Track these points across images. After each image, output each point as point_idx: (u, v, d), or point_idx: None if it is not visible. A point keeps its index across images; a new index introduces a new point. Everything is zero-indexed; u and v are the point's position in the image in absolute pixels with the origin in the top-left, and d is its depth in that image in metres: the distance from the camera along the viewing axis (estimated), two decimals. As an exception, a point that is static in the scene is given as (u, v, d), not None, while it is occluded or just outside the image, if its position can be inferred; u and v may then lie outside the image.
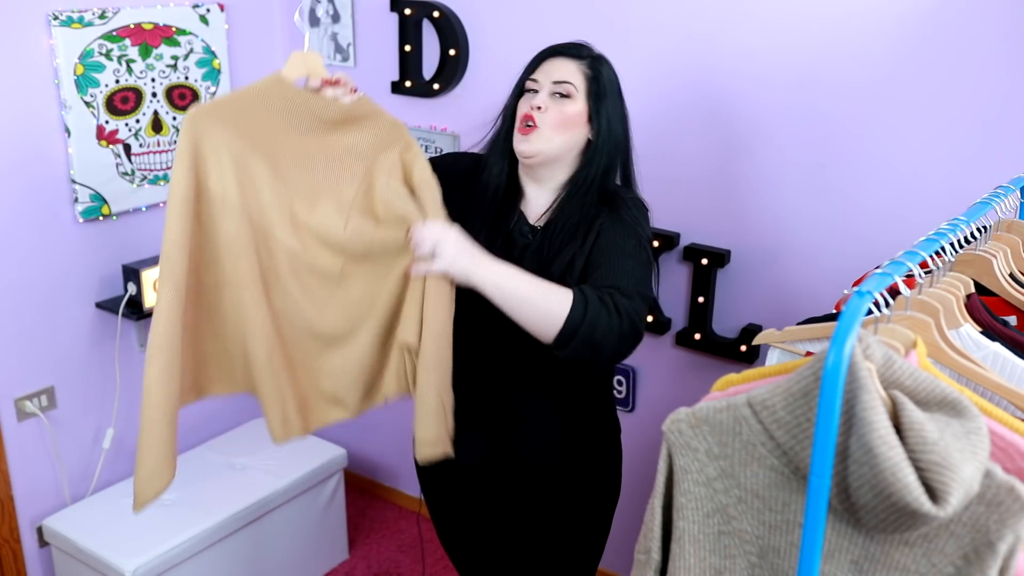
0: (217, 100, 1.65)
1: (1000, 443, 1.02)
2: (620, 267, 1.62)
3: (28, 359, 2.56)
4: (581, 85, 1.70)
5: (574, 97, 1.70)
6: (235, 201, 1.63)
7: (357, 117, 1.71)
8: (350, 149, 1.73)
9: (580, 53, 1.73)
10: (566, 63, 1.71)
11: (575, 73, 1.70)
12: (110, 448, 2.79)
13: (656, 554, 1.16)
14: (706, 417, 1.08)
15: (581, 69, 1.71)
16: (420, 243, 1.60)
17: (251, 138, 1.64)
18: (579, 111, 1.70)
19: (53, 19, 2.42)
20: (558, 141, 1.70)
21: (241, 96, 1.65)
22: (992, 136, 2.01)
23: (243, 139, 1.63)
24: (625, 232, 1.67)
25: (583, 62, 1.72)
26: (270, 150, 1.67)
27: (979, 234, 1.47)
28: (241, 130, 1.63)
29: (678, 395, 2.60)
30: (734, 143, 2.34)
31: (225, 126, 1.62)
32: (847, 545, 1.02)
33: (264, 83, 1.65)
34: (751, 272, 2.40)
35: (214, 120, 1.62)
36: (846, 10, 2.11)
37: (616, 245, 1.65)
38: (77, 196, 2.56)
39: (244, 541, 2.68)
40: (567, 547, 1.89)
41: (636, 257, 1.64)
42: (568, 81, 1.69)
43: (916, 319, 1.19)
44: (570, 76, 1.70)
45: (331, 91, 1.66)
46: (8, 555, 2.60)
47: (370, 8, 2.87)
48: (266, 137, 1.66)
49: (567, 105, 1.69)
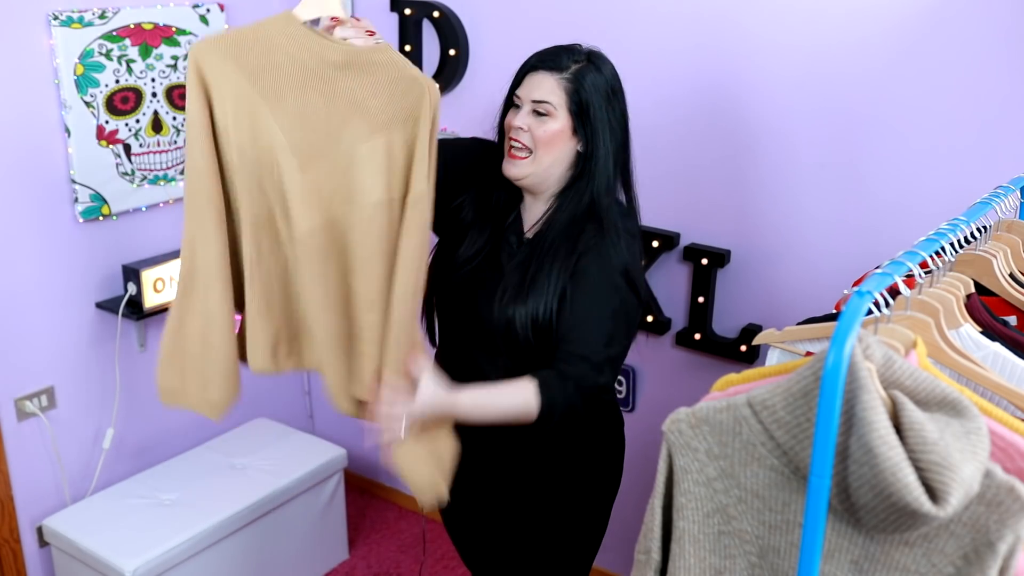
0: (221, 33, 1.55)
1: (1000, 443, 1.02)
2: (594, 332, 1.62)
3: (28, 359, 2.56)
4: (560, 102, 1.66)
5: (554, 115, 1.67)
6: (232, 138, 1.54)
7: (370, 64, 1.57)
8: (357, 104, 1.58)
9: (560, 65, 1.67)
10: (545, 79, 1.67)
11: (553, 90, 1.66)
12: (110, 448, 2.79)
13: (656, 554, 1.16)
14: (706, 417, 1.08)
15: (560, 84, 1.66)
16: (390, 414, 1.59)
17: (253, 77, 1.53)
18: (560, 128, 1.67)
19: (53, 19, 2.42)
20: (546, 160, 1.69)
21: (245, 32, 1.54)
22: (992, 136, 2.01)
23: (246, 77, 1.52)
24: (605, 274, 1.64)
25: (563, 75, 1.66)
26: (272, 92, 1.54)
27: (979, 234, 1.47)
28: (244, 66, 1.52)
29: (678, 395, 2.60)
30: (734, 143, 2.34)
31: (228, 60, 1.52)
32: (847, 545, 1.02)
33: (272, 20, 1.55)
34: (751, 272, 2.40)
35: (218, 53, 1.52)
36: (846, 10, 2.11)
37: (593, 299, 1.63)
38: (77, 196, 2.56)
39: (244, 541, 2.68)
40: (567, 535, 1.89)
41: (613, 312, 1.64)
42: (545, 100, 1.66)
43: (916, 319, 1.19)
44: (547, 94, 1.66)
45: (341, 31, 1.56)
46: (8, 555, 2.60)
47: (370, 8, 2.87)
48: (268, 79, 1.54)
49: (548, 123, 1.67)
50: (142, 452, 2.90)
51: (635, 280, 1.67)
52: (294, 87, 1.55)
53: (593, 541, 1.95)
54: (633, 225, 1.75)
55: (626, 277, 1.65)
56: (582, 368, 1.61)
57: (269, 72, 1.53)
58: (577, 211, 1.69)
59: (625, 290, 1.65)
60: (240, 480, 2.77)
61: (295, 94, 1.55)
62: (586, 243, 1.66)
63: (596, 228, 1.67)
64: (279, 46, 1.54)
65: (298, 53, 1.55)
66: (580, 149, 1.70)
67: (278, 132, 1.54)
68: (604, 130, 1.68)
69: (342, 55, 1.56)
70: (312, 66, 1.56)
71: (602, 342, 1.63)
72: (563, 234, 1.68)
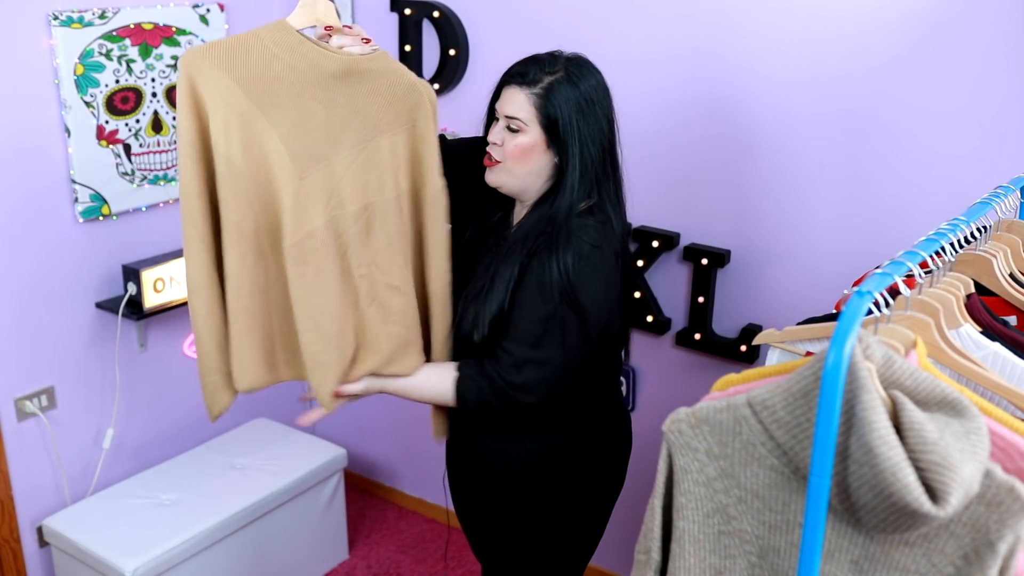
0: (213, 43, 1.53)
1: (1000, 443, 1.02)
2: (522, 331, 1.68)
3: (28, 359, 2.56)
4: (531, 117, 1.67)
5: (524, 131, 1.68)
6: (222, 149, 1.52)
7: (368, 72, 1.58)
8: (356, 111, 1.59)
9: (531, 79, 1.67)
10: (516, 94, 1.68)
11: (523, 106, 1.67)
12: (110, 448, 2.79)
13: (656, 554, 1.16)
14: (706, 417, 1.08)
15: (530, 100, 1.67)
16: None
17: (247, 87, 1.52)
18: (532, 142, 1.68)
19: (53, 19, 2.42)
20: (519, 171, 1.72)
21: (239, 40, 1.53)
22: (992, 136, 2.01)
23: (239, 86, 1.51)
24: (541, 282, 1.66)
25: (532, 90, 1.67)
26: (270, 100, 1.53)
27: (979, 234, 1.47)
28: (237, 76, 1.51)
29: (678, 395, 2.60)
30: (734, 143, 2.34)
31: (220, 70, 1.50)
32: (847, 545, 1.02)
33: (266, 28, 1.54)
34: (751, 272, 2.41)
35: (210, 62, 1.50)
36: (847, 10, 2.11)
37: (527, 300, 1.67)
38: (77, 196, 2.56)
39: (244, 541, 2.68)
40: (567, 532, 1.90)
41: (542, 317, 1.66)
42: (515, 117, 1.68)
43: (916, 319, 1.19)
44: (517, 110, 1.67)
45: (337, 39, 1.57)
46: (8, 555, 2.60)
47: (370, 8, 2.87)
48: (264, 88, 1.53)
49: (517, 138, 1.69)
50: (142, 452, 2.90)
51: (575, 295, 1.65)
52: (292, 95, 1.55)
53: (592, 539, 1.96)
54: (600, 238, 1.69)
55: (564, 291, 1.64)
56: (503, 360, 1.68)
57: (265, 81, 1.53)
58: (540, 220, 1.72)
59: (558, 302, 1.65)
60: (240, 480, 2.77)
61: (293, 102, 1.55)
62: (536, 247, 1.69)
63: (547, 238, 1.68)
64: (275, 55, 1.54)
65: (295, 62, 1.54)
66: (556, 161, 1.71)
67: (276, 140, 1.53)
68: (573, 144, 1.67)
69: (340, 64, 1.57)
70: (310, 75, 1.55)
71: (528, 342, 1.67)
72: (521, 240, 1.73)
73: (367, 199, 1.64)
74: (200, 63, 1.51)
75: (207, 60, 1.51)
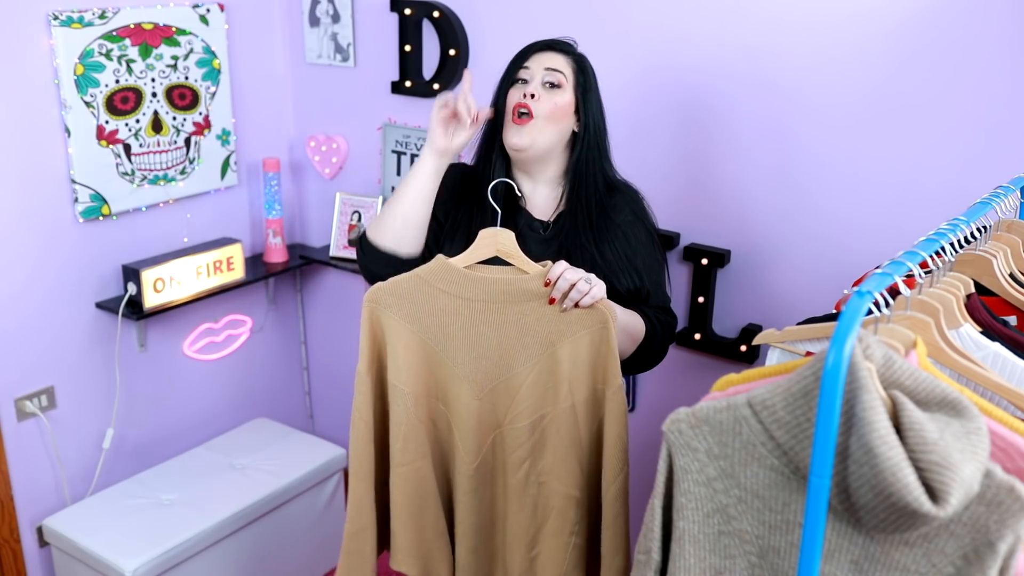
0: (389, 284, 1.67)
1: (1000, 443, 1.02)
2: (660, 284, 1.85)
3: (28, 359, 2.56)
4: (570, 76, 1.79)
5: (564, 87, 1.78)
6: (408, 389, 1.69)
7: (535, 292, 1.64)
8: (526, 329, 1.66)
9: (567, 48, 1.83)
10: (553, 55, 1.80)
11: (565, 65, 1.79)
12: (110, 448, 2.79)
13: (656, 554, 1.16)
14: (706, 417, 1.08)
15: (569, 62, 1.80)
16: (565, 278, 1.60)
17: (420, 323, 1.67)
18: (568, 102, 1.78)
19: (53, 19, 2.42)
20: (549, 132, 1.76)
21: (407, 281, 1.67)
22: (992, 136, 2.01)
23: (412, 326, 1.67)
24: (649, 235, 1.84)
25: (570, 56, 1.81)
26: (441, 334, 1.67)
27: (979, 234, 1.47)
28: (407, 314, 1.67)
29: (678, 395, 2.60)
30: (734, 143, 2.34)
31: (397, 314, 1.67)
32: (847, 545, 1.02)
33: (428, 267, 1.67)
34: (751, 272, 2.40)
35: (389, 307, 1.67)
36: (847, 11, 2.11)
37: (651, 257, 1.83)
38: (77, 196, 2.56)
39: (244, 541, 2.68)
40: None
41: (662, 264, 1.87)
42: (560, 70, 1.78)
43: (916, 319, 1.19)
44: (561, 65, 1.79)
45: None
46: (8, 555, 2.60)
47: (370, 8, 2.87)
48: (435, 321, 1.67)
49: (558, 95, 1.77)
50: (142, 452, 2.90)
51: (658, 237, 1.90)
52: (463, 324, 1.67)
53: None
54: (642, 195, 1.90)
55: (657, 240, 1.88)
56: (663, 317, 1.84)
57: (435, 316, 1.67)
58: (596, 188, 1.81)
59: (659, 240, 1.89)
60: (240, 480, 2.77)
61: (463, 331, 1.67)
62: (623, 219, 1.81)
63: (623, 203, 1.83)
64: (440, 291, 1.66)
65: (462, 292, 1.66)
66: (576, 130, 1.81)
67: (451, 367, 1.68)
68: (599, 112, 1.83)
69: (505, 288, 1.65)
70: (478, 301, 1.66)
71: (665, 291, 1.88)
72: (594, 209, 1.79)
73: (543, 410, 1.69)
74: (383, 310, 1.67)
75: (388, 306, 1.67)
